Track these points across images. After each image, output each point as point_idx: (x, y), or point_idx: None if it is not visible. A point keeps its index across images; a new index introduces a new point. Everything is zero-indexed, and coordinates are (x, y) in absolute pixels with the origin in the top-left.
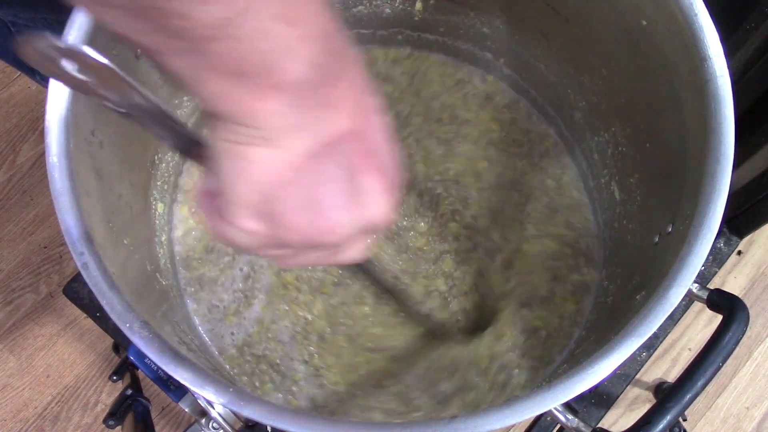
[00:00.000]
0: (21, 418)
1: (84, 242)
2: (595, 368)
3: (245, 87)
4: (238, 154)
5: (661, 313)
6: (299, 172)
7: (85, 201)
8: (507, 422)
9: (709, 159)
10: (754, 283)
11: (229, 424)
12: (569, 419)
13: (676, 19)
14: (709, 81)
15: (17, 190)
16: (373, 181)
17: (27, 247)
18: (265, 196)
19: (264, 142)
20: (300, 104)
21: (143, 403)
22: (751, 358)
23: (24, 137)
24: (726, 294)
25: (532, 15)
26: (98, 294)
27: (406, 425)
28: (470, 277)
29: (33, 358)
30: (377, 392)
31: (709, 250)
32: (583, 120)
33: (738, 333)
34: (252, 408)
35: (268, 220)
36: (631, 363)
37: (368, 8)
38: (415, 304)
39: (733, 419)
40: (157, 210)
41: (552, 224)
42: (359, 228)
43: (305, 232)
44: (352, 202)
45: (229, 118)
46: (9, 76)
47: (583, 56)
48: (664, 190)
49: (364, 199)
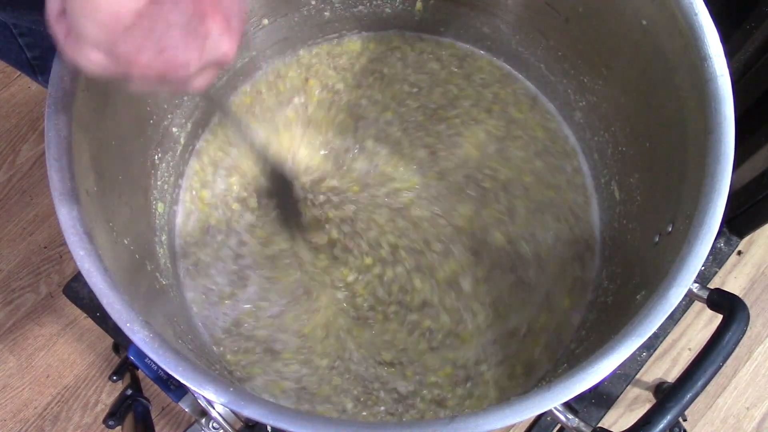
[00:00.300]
0: (21, 418)
1: (84, 242)
2: (595, 368)
3: None
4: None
5: (661, 313)
6: (143, 17)
7: (85, 201)
8: (507, 422)
9: (709, 159)
10: (754, 283)
11: (229, 424)
12: (569, 419)
13: (676, 19)
14: (709, 81)
15: (17, 190)
16: (215, 24)
17: (27, 247)
18: (110, 37)
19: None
20: None
21: (143, 403)
22: (751, 358)
23: (24, 137)
24: (726, 294)
25: (532, 15)
26: (98, 294)
27: (406, 425)
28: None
29: (33, 358)
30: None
31: (709, 250)
32: (583, 120)
33: (738, 333)
34: (252, 408)
35: (113, 57)
36: (631, 363)
37: (368, 8)
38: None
39: (733, 419)
40: (157, 210)
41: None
42: (204, 64)
43: (149, 70)
44: (195, 43)
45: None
46: (9, 76)
47: (583, 56)
48: (664, 190)
49: (209, 40)
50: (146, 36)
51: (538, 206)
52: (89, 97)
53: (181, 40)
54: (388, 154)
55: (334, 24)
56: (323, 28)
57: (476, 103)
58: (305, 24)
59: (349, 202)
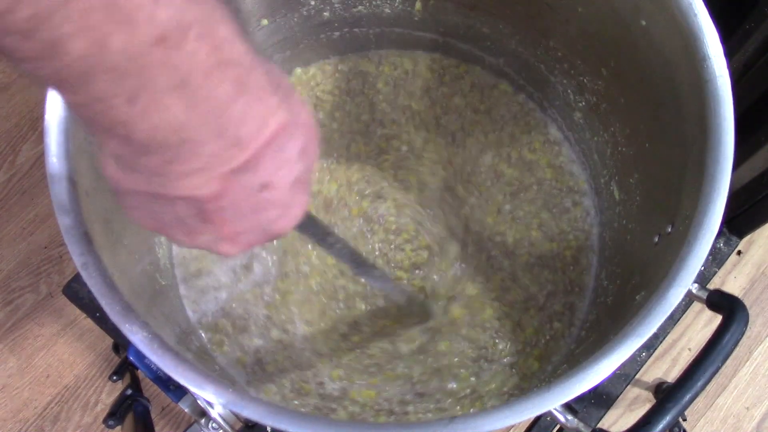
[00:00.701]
0: (21, 418)
1: (84, 242)
2: (595, 368)
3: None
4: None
5: (661, 313)
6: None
7: (85, 201)
8: (507, 422)
9: (709, 159)
10: (754, 283)
11: (229, 424)
12: (569, 419)
13: (676, 19)
14: (708, 81)
15: (17, 190)
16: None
17: (27, 247)
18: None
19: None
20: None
21: (143, 403)
22: (751, 358)
23: (24, 137)
24: (726, 294)
25: (532, 15)
26: (98, 294)
27: (406, 425)
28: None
29: (33, 358)
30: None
31: (709, 250)
32: (583, 120)
33: (738, 333)
34: (252, 408)
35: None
36: (631, 363)
37: (368, 8)
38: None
39: (733, 419)
40: None
41: (551, 224)
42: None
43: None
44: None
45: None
46: (9, 76)
47: (583, 56)
48: (664, 190)
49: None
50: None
51: (537, 206)
52: None
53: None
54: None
55: (334, 24)
56: (323, 28)
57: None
58: (305, 24)
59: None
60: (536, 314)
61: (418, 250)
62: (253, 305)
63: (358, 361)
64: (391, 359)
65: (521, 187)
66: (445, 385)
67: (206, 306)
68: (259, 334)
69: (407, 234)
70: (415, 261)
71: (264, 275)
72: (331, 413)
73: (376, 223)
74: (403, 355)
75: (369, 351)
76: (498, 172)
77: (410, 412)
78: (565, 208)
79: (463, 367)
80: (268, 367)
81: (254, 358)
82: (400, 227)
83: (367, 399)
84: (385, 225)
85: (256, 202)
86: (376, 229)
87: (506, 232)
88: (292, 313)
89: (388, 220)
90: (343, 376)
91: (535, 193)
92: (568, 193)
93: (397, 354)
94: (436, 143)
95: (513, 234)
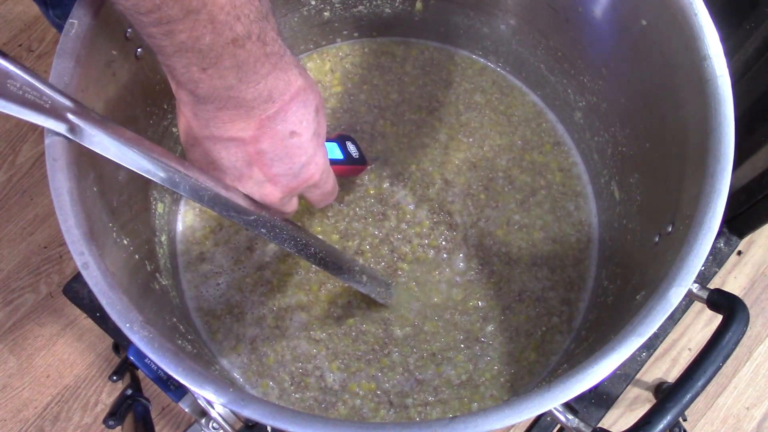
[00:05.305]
0: (21, 418)
1: (84, 242)
2: (595, 368)
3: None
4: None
5: (661, 313)
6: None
7: (85, 201)
8: (507, 422)
9: (709, 159)
10: (754, 283)
11: (229, 424)
12: (569, 419)
13: (676, 19)
14: (709, 81)
15: (17, 190)
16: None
17: (27, 247)
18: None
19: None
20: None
21: (143, 403)
22: (751, 358)
23: (24, 137)
24: (726, 294)
25: (532, 15)
26: (98, 294)
27: (406, 425)
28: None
29: (33, 358)
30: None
31: (709, 250)
32: (583, 120)
33: (738, 333)
34: (252, 408)
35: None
36: (631, 363)
37: (368, 8)
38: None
39: (733, 419)
40: (157, 210)
41: (551, 224)
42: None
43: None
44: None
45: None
46: None
47: (583, 56)
48: (664, 190)
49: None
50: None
51: (543, 210)
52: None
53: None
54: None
55: (334, 24)
56: (323, 28)
57: None
58: (305, 24)
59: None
60: (532, 304)
61: (425, 248)
62: (251, 292)
63: (354, 347)
64: (385, 345)
65: (530, 192)
66: (442, 371)
67: (207, 294)
68: (256, 322)
69: (420, 228)
70: (419, 257)
71: (264, 257)
72: (331, 407)
73: (391, 209)
74: (396, 339)
75: (364, 337)
76: (511, 177)
77: (410, 405)
78: (568, 211)
79: (456, 350)
80: (268, 359)
81: (252, 349)
82: (415, 220)
83: (367, 392)
84: (399, 213)
85: (287, 146)
86: (389, 214)
87: (512, 242)
88: (290, 299)
89: (405, 209)
90: (342, 367)
91: (543, 197)
92: (572, 196)
93: (390, 339)
94: (459, 141)
95: (517, 242)
